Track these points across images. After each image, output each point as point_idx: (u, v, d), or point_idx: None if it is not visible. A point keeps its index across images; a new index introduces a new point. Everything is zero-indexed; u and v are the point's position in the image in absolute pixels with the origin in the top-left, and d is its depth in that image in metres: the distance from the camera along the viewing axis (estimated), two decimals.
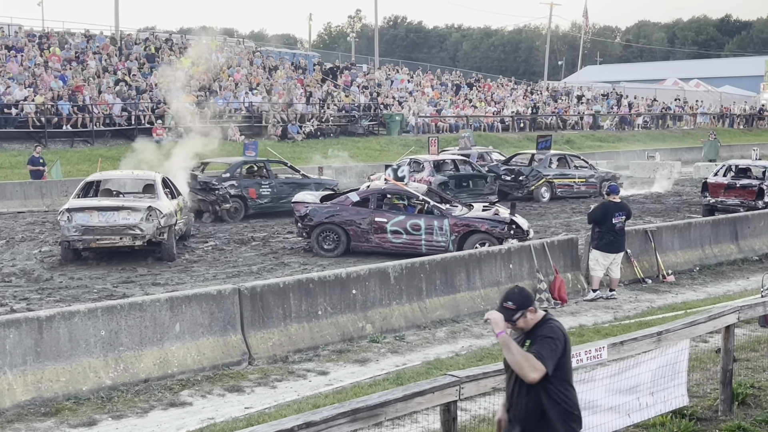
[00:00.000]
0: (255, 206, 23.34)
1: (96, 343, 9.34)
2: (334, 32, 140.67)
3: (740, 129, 64.52)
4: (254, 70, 45.42)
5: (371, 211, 17.49)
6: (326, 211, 17.69)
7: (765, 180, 23.24)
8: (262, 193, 23.50)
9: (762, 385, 9.10)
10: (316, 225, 17.60)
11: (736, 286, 15.91)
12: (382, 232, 17.30)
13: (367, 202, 17.68)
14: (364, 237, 17.36)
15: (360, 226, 17.38)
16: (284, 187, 23.90)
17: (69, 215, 16.18)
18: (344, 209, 17.66)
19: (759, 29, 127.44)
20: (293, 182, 24.29)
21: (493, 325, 5.32)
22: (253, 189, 23.36)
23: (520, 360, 5.15)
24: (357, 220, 17.45)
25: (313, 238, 17.61)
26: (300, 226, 17.92)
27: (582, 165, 29.40)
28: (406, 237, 17.16)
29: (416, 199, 17.83)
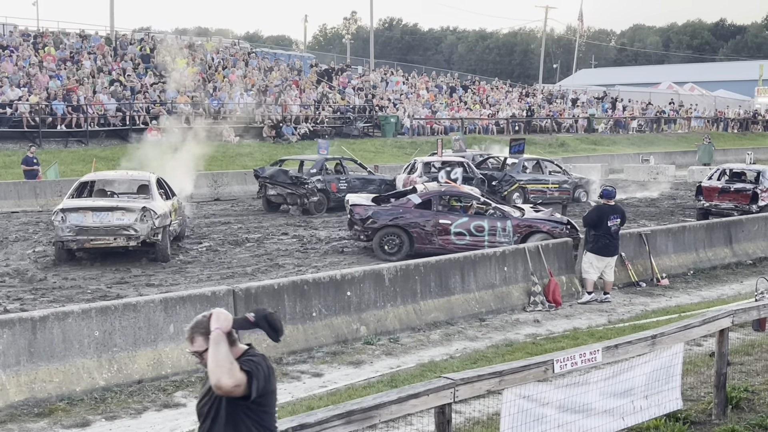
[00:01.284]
0: (335, 199, 24.97)
1: (90, 344, 9.32)
2: (330, 34, 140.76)
3: (734, 133, 64.66)
4: (249, 71, 45.38)
5: (435, 213, 17.45)
6: (390, 214, 17.53)
7: (759, 184, 23.29)
8: (340, 187, 25.38)
9: (756, 388, 9.11)
10: (380, 228, 17.41)
11: (730, 289, 15.94)
12: (445, 234, 17.22)
13: (430, 204, 17.64)
14: (428, 239, 17.24)
15: (424, 228, 17.28)
16: (356, 182, 26.01)
17: (63, 215, 16.14)
18: (407, 211, 17.54)
19: (753, 34, 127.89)
20: (363, 178, 26.47)
21: (215, 319, 4.52)
22: (333, 183, 25.50)
23: (223, 360, 4.39)
24: (421, 222, 17.33)
25: (376, 241, 17.38)
26: (359, 228, 17.62)
27: (555, 170, 28.97)
28: (470, 238, 17.08)
29: (477, 200, 17.95)
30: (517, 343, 11.56)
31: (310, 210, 24.40)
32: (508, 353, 10.73)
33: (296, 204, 24.56)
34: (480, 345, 11.59)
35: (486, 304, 13.41)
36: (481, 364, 9.47)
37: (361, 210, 17.66)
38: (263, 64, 48.48)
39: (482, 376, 6.20)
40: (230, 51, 48.89)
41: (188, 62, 42.64)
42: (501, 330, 12.53)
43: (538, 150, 41.74)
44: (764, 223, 19.42)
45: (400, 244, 17.28)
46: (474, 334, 12.24)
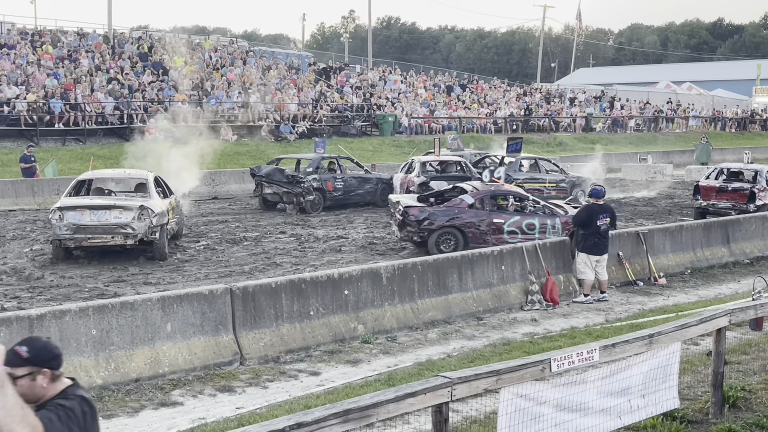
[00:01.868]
0: (331, 198, 25.29)
1: (87, 342, 9.32)
2: (328, 33, 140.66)
3: (732, 132, 64.71)
4: (247, 70, 45.36)
5: (488, 212, 17.57)
6: (446, 215, 17.54)
7: (756, 183, 23.31)
8: (336, 186, 25.54)
9: (753, 388, 9.12)
10: (437, 228, 17.41)
11: (728, 289, 15.96)
12: (499, 232, 17.36)
13: (482, 203, 17.77)
14: (482, 238, 17.26)
15: (479, 227, 17.37)
16: (353, 181, 26.13)
17: (60, 214, 16.14)
18: (462, 212, 17.59)
19: (751, 33, 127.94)
20: (359, 177, 26.50)
21: None
22: (330, 182, 25.46)
23: (13, 408, 3.45)
24: (476, 221, 17.42)
25: (432, 242, 17.32)
26: (414, 230, 17.49)
27: (553, 169, 28.95)
28: (522, 237, 17.11)
29: (527, 199, 18.14)
30: (514, 342, 11.57)
31: (306, 209, 24.43)
32: (506, 352, 10.73)
33: (292, 203, 24.59)
34: (477, 344, 11.59)
35: (483, 303, 13.41)
36: (479, 363, 9.47)
37: (417, 211, 17.60)
38: (261, 62, 48.45)
39: (479, 375, 6.20)
40: (228, 49, 48.87)
41: (186, 61, 42.61)
42: (498, 329, 12.54)
43: (536, 149, 41.76)
44: (761, 223, 19.44)
45: (456, 243, 17.31)
46: (471, 333, 12.24)
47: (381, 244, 19.23)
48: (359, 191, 26.18)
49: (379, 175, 27.76)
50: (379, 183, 26.62)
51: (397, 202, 18.40)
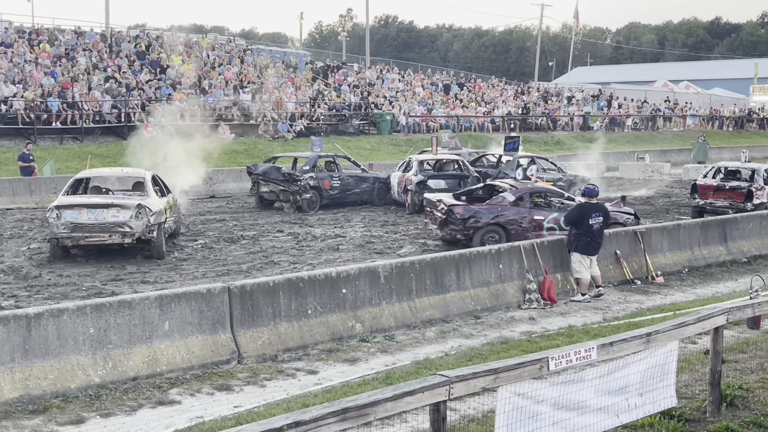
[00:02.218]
0: (328, 197, 25.26)
1: (85, 341, 9.32)
2: (325, 31, 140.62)
3: (729, 131, 64.74)
4: (245, 68, 45.34)
5: (529, 209, 17.89)
6: (490, 212, 17.81)
7: (754, 182, 23.33)
8: (333, 185, 25.50)
9: (750, 386, 9.13)
10: (483, 226, 17.65)
11: (725, 287, 15.97)
12: (539, 229, 17.68)
13: (523, 200, 18.07)
14: (524, 235, 17.38)
15: (521, 224, 17.64)
16: (350, 180, 26.10)
17: (58, 212, 16.12)
18: (505, 209, 17.86)
19: (749, 32, 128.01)
20: (356, 176, 26.48)
21: None
22: (326, 181, 25.39)
23: None
24: (518, 219, 17.73)
25: (477, 240, 17.47)
26: (459, 228, 17.73)
27: (550, 168, 28.97)
28: (560, 233, 17.16)
29: (563, 196, 18.65)
30: (512, 341, 11.58)
31: (302, 207, 24.43)
32: (504, 351, 10.74)
33: (289, 201, 24.58)
34: (475, 342, 11.60)
35: (481, 301, 13.42)
36: (477, 362, 9.48)
37: (462, 210, 17.85)
38: (259, 61, 48.42)
39: (477, 374, 6.20)
40: (226, 48, 48.83)
41: (183, 59, 42.58)
42: (496, 327, 12.55)
43: (533, 148, 41.78)
44: (759, 222, 19.46)
45: (498, 241, 17.39)
46: (469, 331, 12.25)
47: (379, 243, 19.23)
48: (356, 190, 26.17)
49: (376, 174, 27.71)
50: (376, 182, 26.62)
51: (438, 201, 18.57)
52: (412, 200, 24.40)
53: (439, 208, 18.26)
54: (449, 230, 17.97)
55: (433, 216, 18.58)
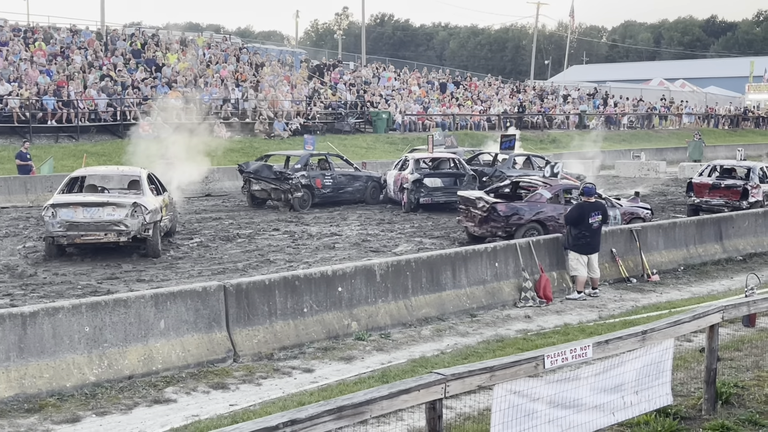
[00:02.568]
0: (320, 195, 25.14)
1: (80, 340, 9.31)
2: (321, 29, 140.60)
3: (725, 129, 64.81)
4: (241, 66, 45.29)
5: (564, 205, 18.05)
6: (532, 209, 18.15)
7: (749, 180, 23.36)
8: (325, 183, 25.35)
9: (746, 384, 9.15)
10: (525, 223, 17.95)
11: (721, 285, 16.00)
12: None
13: (558, 197, 18.44)
14: (561, 230, 17.23)
15: (558, 221, 17.68)
16: (342, 179, 25.96)
17: (53, 211, 16.08)
18: (543, 206, 18.20)
19: (744, 30, 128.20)
20: (349, 174, 26.35)
21: None
22: (318, 179, 25.22)
23: None
24: (556, 215, 17.92)
25: (520, 236, 17.43)
26: (501, 225, 17.97)
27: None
28: None
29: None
30: (507, 339, 11.59)
31: (294, 206, 24.29)
32: (499, 349, 10.75)
33: (280, 200, 24.53)
34: (471, 341, 11.61)
35: (477, 299, 13.42)
36: (472, 360, 9.48)
37: (505, 207, 18.13)
38: (254, 59, 48.38)
39: (473, 372, 6.21)
40: (221, 46, 48.76)
41: (179, 57, 42.52)
42: (492, 326, 12.55)
43: (529, 146, 41.77)
44: (754, 220, 19.50)
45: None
46: (465, 329, 12.26)
47: (375, 241, 19.22)
48: (349, 189, 26.02)
49: (369, 173, 27.61)
50: (369, 181, 26.53)
51: (478, 199, 18.73)
52: (408, 198, 24.40)
53: (479, 206, 18.37)
54: (490, 227, 18.16)
55: (470, 213, 18.72)
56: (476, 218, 18.43)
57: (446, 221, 22.73)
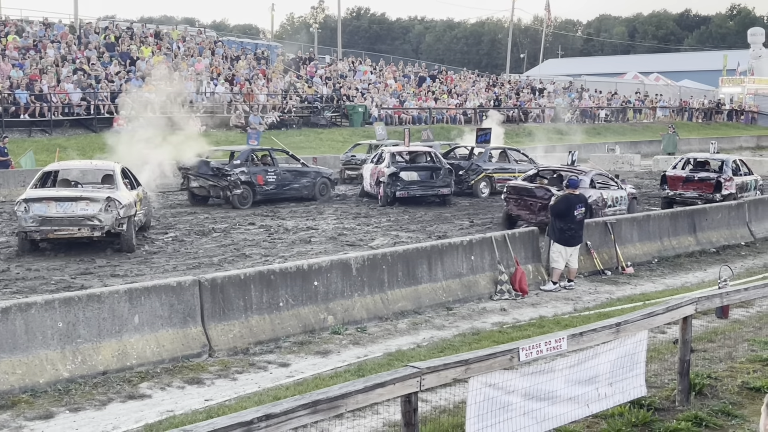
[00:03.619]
0: (262, 192, 24.25)
1: (53, 335, 9.22)
2: (297, 23, 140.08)
3: (699, 123, 65.31)
4: (216, 60, 45.06)
5: (600, 190, 20.14)
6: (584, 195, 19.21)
7: (723, 173, 23.54)
8: (268, 180, 24.42)
9: (719, 375, 9.22)
10: None
11: (694, 277, 16.12)
12: (605, 206, 19.88)
13: (593, 183, 20.15)
14: (598, 212, 19.13)
15: (598, 204, 19.53)
16: (287, 175, 25.08)
17: (26, 205, 15.94)
18: (587, 192, 19.07)
19: (718, 24, 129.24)
20: (294, 170, 25.51)
21: None
22: (260, 176, 24.23)
23: None
24: (597, 199, 19.63)
25: None
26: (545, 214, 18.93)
27: (522, 159, 29.16)
28: (612, 209, 19.93)
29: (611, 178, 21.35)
30: (483, 332, 11.61)
31: (233, 203, 23.54)
32: (475, 342, 10.77)
33: (219, 197, 23.86)
34: (447, 334, 11.62)
35: (453, 293, 13.44)
36: (448, 353, 9.49)
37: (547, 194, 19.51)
38: (230, 53, 48.15)
39: (448, 365, 6.21)
40: (196, 40, 48.49)
41: (153, 51, 42.23)
42: (468, 319, 12.58)
43: (506, 140, 41.86)
44: (727, 212, 19.67)
45: None
46: (441, 323, 12.27)
47: (351, 235, 19.21)
48: (294, 185, 25.11)
49: (319, 168, 26.76)
50: (318, 177, 25.77)
51: (537, 188, 19.77)
52: (384, 192, 24.38)
53: (539, 195, 19.29)
54: (534, 215, 19.29)
55: (526, 202, 19.60)
56: (535, 206, 19.28)
57: (422, 214, 22.76)
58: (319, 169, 26.51)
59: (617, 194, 20.33)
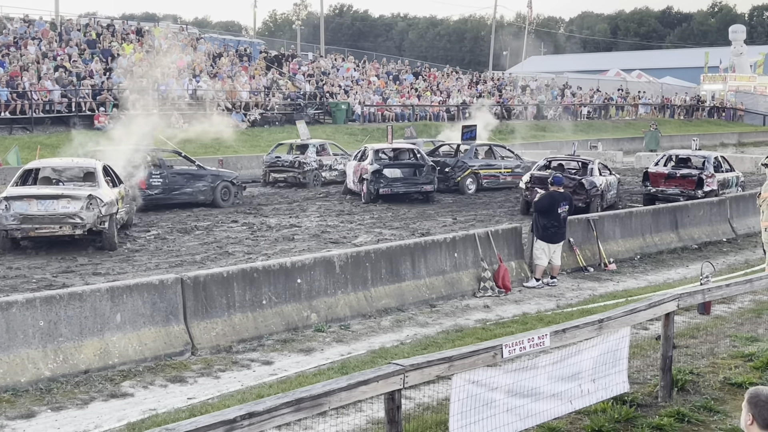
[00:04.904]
0: (145, 197, 22.04)
1: (34, 334, 9.16)
2: (280, 20, 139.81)
3: (680, 120, 65.59)
4: (198, 56, 44.86)
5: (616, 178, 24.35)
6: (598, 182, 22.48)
7: (704, 170, 23.65)
8: (152, 183, 22.47)
9: (701, 371, 9.27)
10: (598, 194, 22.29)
11: (676, 274, 16.20)
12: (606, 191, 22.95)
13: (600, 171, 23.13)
14: None
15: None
16: (177, 178, 23.25)
17: (7, 204, 15.83)
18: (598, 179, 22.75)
19: (699, 21, 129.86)
20: (187, 173, 23.68)
21: None
22: (142, 180, 21.96)
23: None
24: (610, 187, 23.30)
25: (595, 205, 21.97)
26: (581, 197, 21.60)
27: (508, 155, 29.31)
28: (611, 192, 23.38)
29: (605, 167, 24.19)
30: (467, 329, 11.62)
31: None
32: (459, 339, 10.78)
33: None
34: (430, 331, 11.62)
35: (437, 290, 13.45)
36: (432, 350, 9.50)
37: (587, 182, 22.06)
38: (212, 49, 47.96)
39: (431, 362, 6.22)
40: (178, 37, 48.25)
41: (135, 48, 42.02)
42: (451, 316, 12.59)
43: (491, 136, 41.94)
44: (709, 209, 19.77)
45: None
46: (425, 320, 12.27)
47: (334, 232, 19.18)
48: (187, 190, 23.25)
49: (219, 171, 24.69)
50: (218, 181, 23.67)
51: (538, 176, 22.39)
52: (367, 189, 24.37)
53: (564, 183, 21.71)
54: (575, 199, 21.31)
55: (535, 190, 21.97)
56: None
57: (406, 212, 22.76)
58: (219, 172, 24.47)
59: (612, 179, 23.54)
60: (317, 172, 29.42)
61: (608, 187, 22.89)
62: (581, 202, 21.30)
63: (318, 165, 29.45)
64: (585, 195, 21.75)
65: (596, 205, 21.92)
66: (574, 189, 21.34)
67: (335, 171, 29.88)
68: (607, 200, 22.93)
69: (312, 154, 29.45)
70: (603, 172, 23.21)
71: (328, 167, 29.94)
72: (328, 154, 30.40)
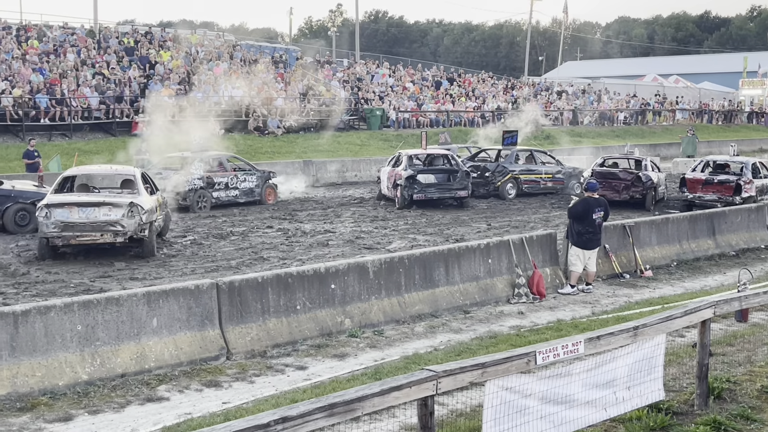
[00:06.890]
0: None
1: (72, 338, 9.29)
2: (315, 26, 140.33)
3: (718, 125, 64.89)
4: (234, 64, 45.20)
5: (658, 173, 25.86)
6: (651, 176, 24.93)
7: (742, 176, 23.40)
8: None
9: (738, 379, 9.17)
10: (653, 187, 24.69)
11: (713, 281, 16.03)
12: None
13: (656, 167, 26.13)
14: None
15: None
16: None
17: (48, 211, 15.89)
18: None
19: (738, 26, 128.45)
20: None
21: None
22: None
23: None
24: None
25: (650, 198, 24.63)
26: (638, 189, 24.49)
27: (549, 161, 29.20)
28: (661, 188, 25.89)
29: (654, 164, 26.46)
30: (501, 335, 11.59)
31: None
32: (492, 345, 10.75)
33: None
34: (464, 337, 11.61)
35: (470, 296, 13.42)
36: (465, 356, 9.48)
37: (643, 176, 24.51)
38: (248, 56, 48.30)
39: (465, 368, 6.20)
40: (215, 44, 48.65)
41: (172, 55, 42.43)
42: (485, 322, 12.56)
43: (531, 141, 41.81)
44: (747, 215, 19.53)
45: None
46: (458, 326, 12.26)
47: (368, 238, 19.22)
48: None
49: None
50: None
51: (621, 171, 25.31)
52: (401, 195, 24.38)
53: (622, 177, 24.78)
54: (631, 191, 24.61)
55: (608, 184, 24.09)
56: (620, 186, 24.53)
57: (440, 217, 22.74)
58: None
59: (662, 176, 25.99)
60: (202, 192, 24.08)
61: (660, 181, 25.29)
62: (638, 194, 24.25)
63: (206, 184, 24.23)
64: (642, 187, 24.25)
65: (651, 197, 24.27)
66: (632, 182, 24.23)
67: (235, 190, 25.00)
68: (659, 194, 25.05)
69: (197, 171, 24.16)
70: (654, 169, 25.54)
71: (223, 186, 24.71)
72: (224, 169, 25.22)
